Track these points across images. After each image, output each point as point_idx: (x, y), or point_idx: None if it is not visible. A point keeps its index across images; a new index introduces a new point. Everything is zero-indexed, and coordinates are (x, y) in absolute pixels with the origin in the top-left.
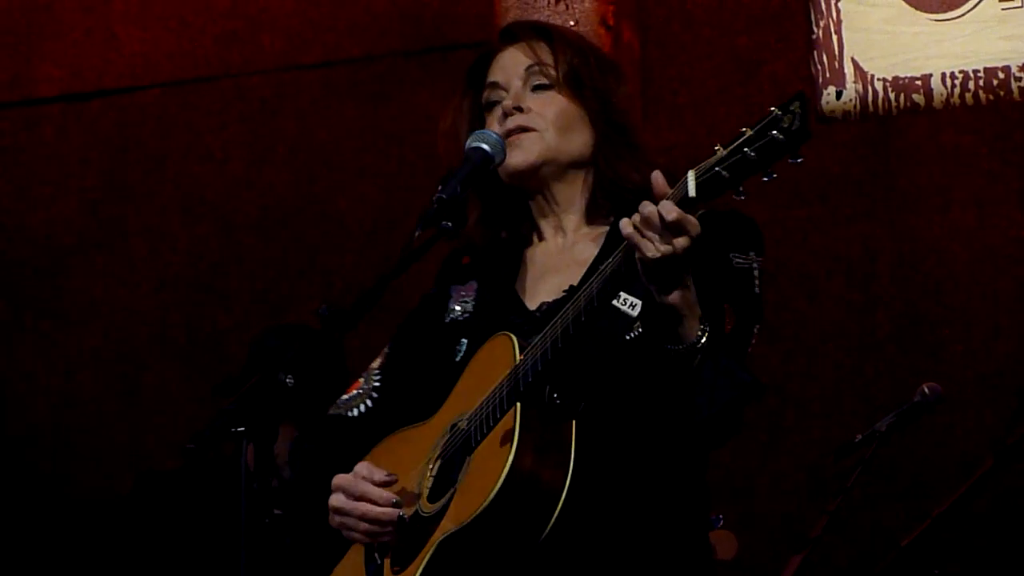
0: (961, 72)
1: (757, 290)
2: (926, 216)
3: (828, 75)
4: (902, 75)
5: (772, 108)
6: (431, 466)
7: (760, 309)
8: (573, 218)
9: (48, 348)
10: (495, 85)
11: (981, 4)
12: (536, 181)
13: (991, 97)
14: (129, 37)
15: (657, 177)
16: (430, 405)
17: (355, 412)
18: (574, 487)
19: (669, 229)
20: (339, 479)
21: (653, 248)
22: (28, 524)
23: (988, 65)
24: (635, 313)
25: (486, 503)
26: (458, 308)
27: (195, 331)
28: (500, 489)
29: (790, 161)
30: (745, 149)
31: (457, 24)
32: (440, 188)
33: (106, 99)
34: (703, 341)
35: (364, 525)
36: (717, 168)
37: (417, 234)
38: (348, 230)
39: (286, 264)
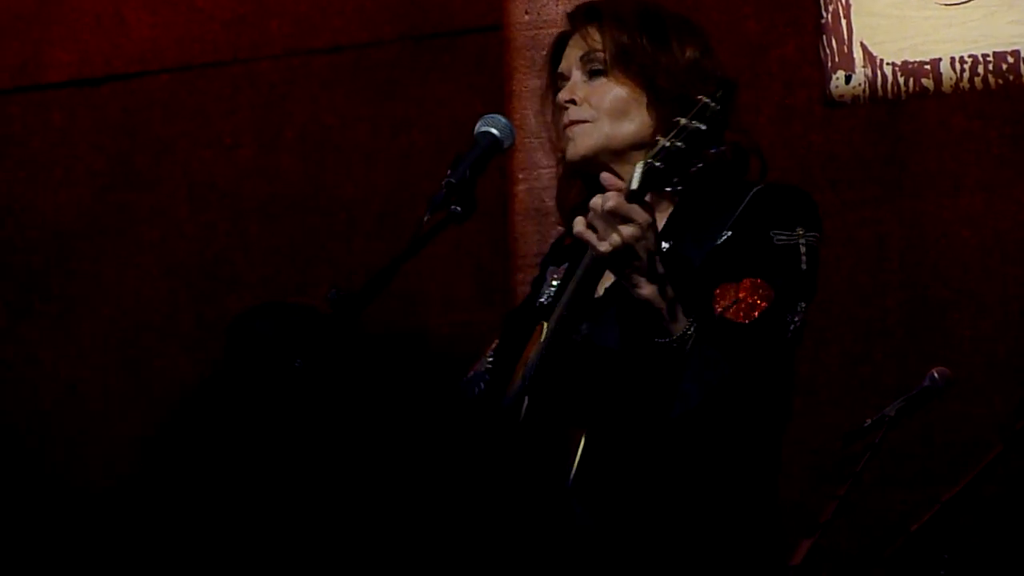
0: (970, 56)
1: (804, 266)
2: (935, 201)
3: (837, 59)
4: (911, 59)
5: (701, 96)
6: None
7: (807, 286)
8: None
9: (56, 333)
10: (561, 76)
11: None
12: (596, 168)
13: (1000, 82)
14: (138, 22)
15: (605, 178)
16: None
17: (472, 394)
18: (584, 468)
19: (611, 220)
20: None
21: (602, 242)
22: (31, 512)
23: (997, 50)
24: None
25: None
26: (546, 292)
27: (204, 317)
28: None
29: (712, 151)
30: (675, 140)
31: (467, 9)
32: (449, 172)
33: (115, 84)
34: (689, 333)
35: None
36: (650, 160)
37: (426, 219)
38: (357, 215)
39: (295, 249)
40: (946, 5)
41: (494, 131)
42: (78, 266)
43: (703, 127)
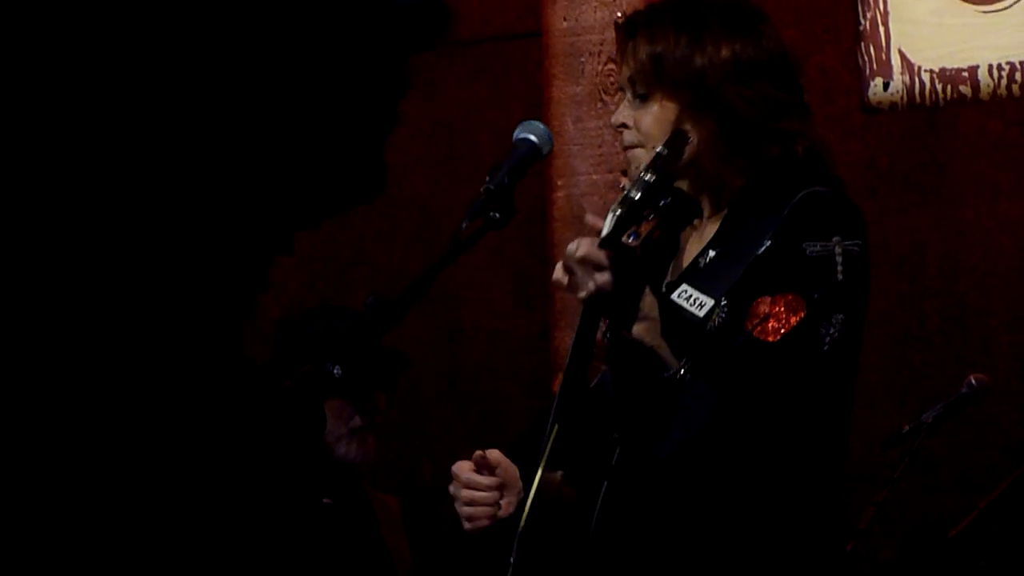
0: (1008, 63)
1: (840, 276)
2: (973, 208)
3: (875, 66)
4: (949, 66)
5: (657, 147)
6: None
7: (844, 297)
8: (710, 203)
9: None
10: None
11: None
12: None
13: None
14: None
15: (588, 220)
16: None
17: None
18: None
19: (585, 266)
20: (456, 466)
21: (578, 288)
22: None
23: None
24: (701, 314)
25: (524, 520)
26: None
27: (245, 322)
28: (530, 508)
29: (661, 203)
30: (631, 190)
31: (506, 15)
32: (488, 179)
33: None
34: (684, 370)
35: (465, 509)
36: (618, 209)
37: (465, 225)
38: (396, 221)
39: (335, 255)
40: (984, 12)
41: (533, 137)
42: None
43: (653, 179)
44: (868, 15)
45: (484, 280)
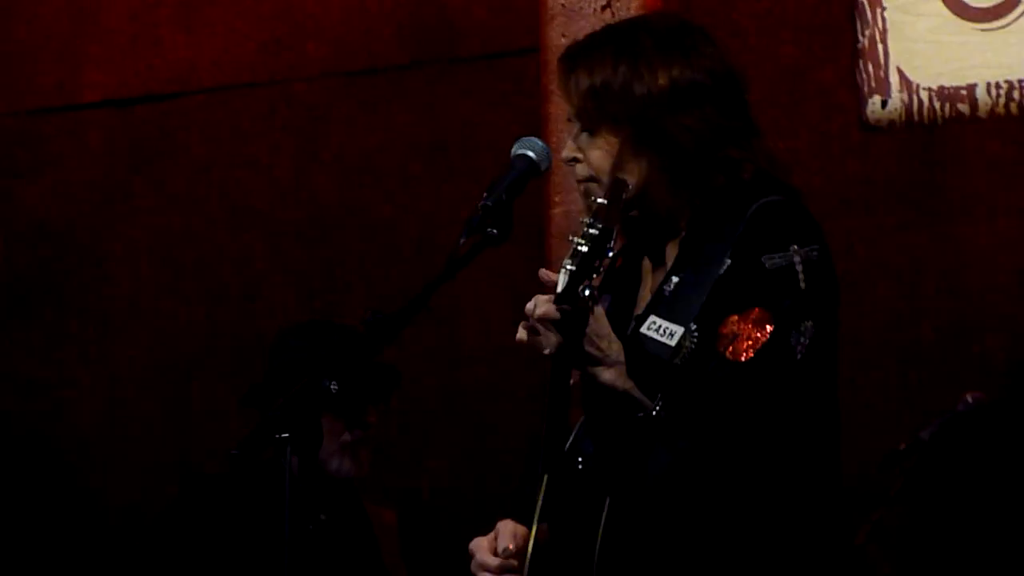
0: (1006, 82)
1: (803, 284)
2: (972, 226)
3: (873, 84)
4: (947, 84)
5: (596, 199)
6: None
7: (809, 305)
8: (661, 234)
9: (94, 356)
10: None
11: None
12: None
13: None
14: (174, 43)
15: (541, 275)
16: None
17: None
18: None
19: (545, 324)
20: (473, 544)
21: (541, 346)
22: (71, 534)
23: None
24: (672, 343)
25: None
26: None
27: (241, 339)
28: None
29: (608, 251)
30: (579, 242)
31: (504, 31)
32: (486, 195)
33: (151, 105)
34: (658, 408)
35: None
36: (567, 264)
37: (462, 241)
38: (394, 237)
39: (332, 271)
40: (983, 30)
41: (531, 154)
42: (114, 288)
43: (596, 232)
44: (867, 33)
45: (482, 297)
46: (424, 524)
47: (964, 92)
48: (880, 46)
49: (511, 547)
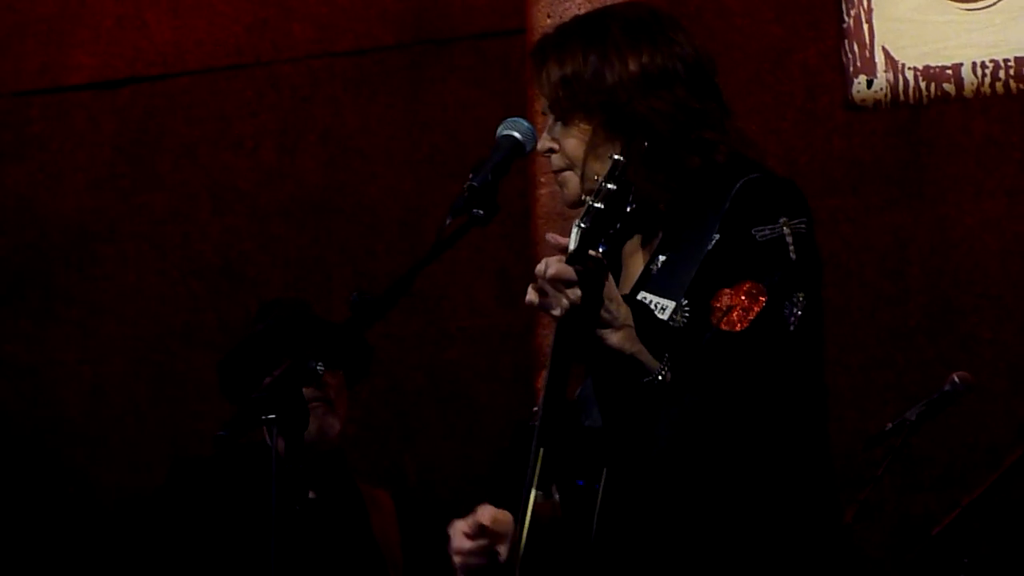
0: (992, 61)
1: (793, 255)
2: (957, 205)
3: (859, 64)
4: (933, 64)
5: (612, 155)
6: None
7: (802, 275)
8: (638, 222)
9: (79, 337)
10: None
11: None
12: None
13: (1022, 86)
14: (160, 25)
15: (549, 239)
16: None
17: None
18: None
19: (557, 284)
20: (451, 527)
21: (551, 307)
22: (58, 515)
23: (1019, 54)
24: (664, 317)
25: (522, 552)
26: None
27: (226, 320)
28: (527, 540)
29: (627, 209)
30: (595, 202)
31: (489, 12)
32: (471, 176)
33: (137, 87)
34: (665, 370)
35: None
36: (581, 222)
37: (448, 222)
38: (379, 218)
39: (317, 252)
40: (968, 10)
41: (516, 134)
42: (100, 270)
43: (614, 187)
44: (852, 12)
45: (467, 277)
46: (420, 504)
47: (949, 71)
48: (865, 26)
49: (486, 523)
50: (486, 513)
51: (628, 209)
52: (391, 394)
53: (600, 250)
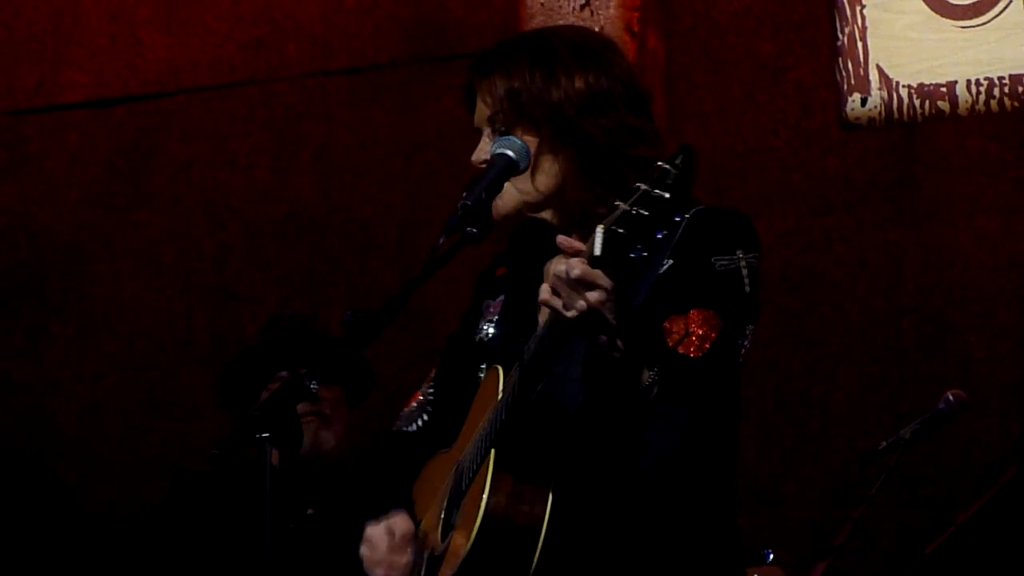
0: (986, 79)
1: (747, 289)
2: (951, 223)
3: (853, 82)
4: (927, 82)
5: (660, 163)
6: (443, 503)
7: (753, 309)
8: (576, 233)
9: (74, 354)
10: (479, 131)
11: (1007, 11)
12: (523, 218)
13: (1016, 104)
14: (154, 43)
15: (562, 240)
16: (458, 429)
17: (414, 427)
18: (554, 531)
19: (577, 286)
20: (369, 531)
21: (569, 308)
22: (52, 533)
23: (1013, 72)
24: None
25: (465, 553)
26: (485, 328)
27: (221, 337)
28: (475, 539)
29: (676, 218)
30: (636, 207)
31: (482, 30)
32: (465, 194)
33: (131, 105)
34: (653, 380)
35: None
36: (614, 226)
37: (442, 240)
38: (374, 236)
39: (311, 270)
40: (962, 28)
41: (510, 152)
42: (95, 287)
43: (666, 195)
44: (846, 30)
45: (461, 295)
46: None
47: (944, 89)
48: (859, 43)
49: (404, 533)
50: (407, 523)
51: (678, 219)
52: (385, 411)
53: (640, 256)
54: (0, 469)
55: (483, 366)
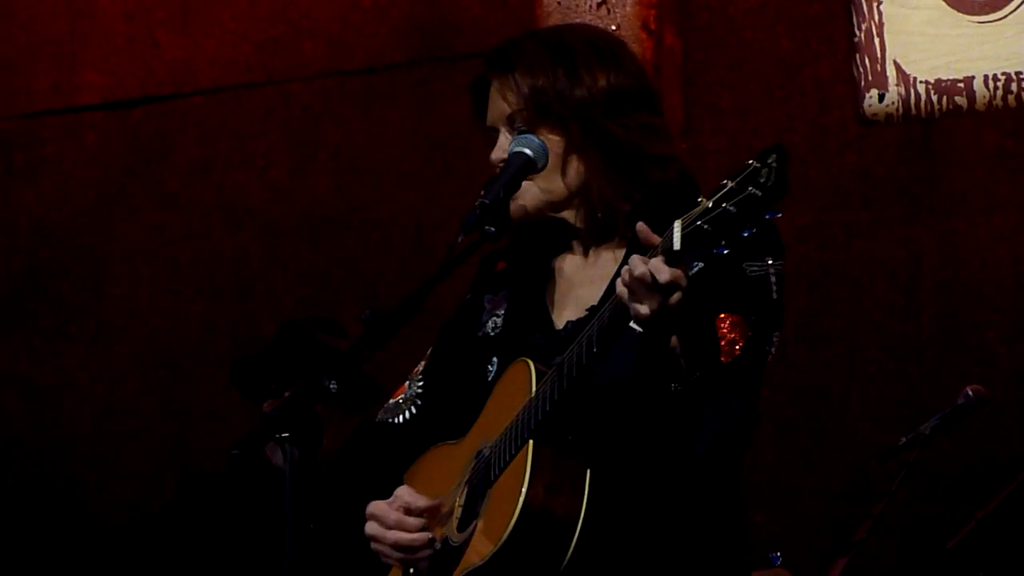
0: (1003, 74)
1: (775, 296)
2: (969, 219)
3: (870, 78)
4: (944, 77)
5: (751, 161)
6: (460, 492)
7: (779, 316)
8: (594, 234)
9: (91, 356)
10: (491, 129)
11: (1023, 6)
12: (543, 216)
13: None
14: (171, 44)
15: (642, 229)
16: (466, 422)
17: (400, 419)
18: (589, 523)
19: (663, 289)
20: (373, 507)
21: (646, 308)
22: (69, 533)
23: None
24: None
25: (501, 542)
26: (490, 323)
27: (238, 338)
28: (513, 529)
29: (767, 216)
30: (724, 204)
31: (500, 29)
32: (483, 193)
33: (148, 106)
34: (697, 376)
35: (397, 553)
36: (699, 222)
37: (460, 239)
38: (391, 236)
39: (329, 270)
40: (979, 23)
41: (527, 151)
42: (112, 288)
43: (759, 193)
44: (863, 26)
45: None
46: None
47: (961, 85)
48: (877, 39)
49: (424, 505)
50: (413, 493)
51: (768, 216)
52: None
53: (716, 252)
54: (17, 469)
55: (495, 360)
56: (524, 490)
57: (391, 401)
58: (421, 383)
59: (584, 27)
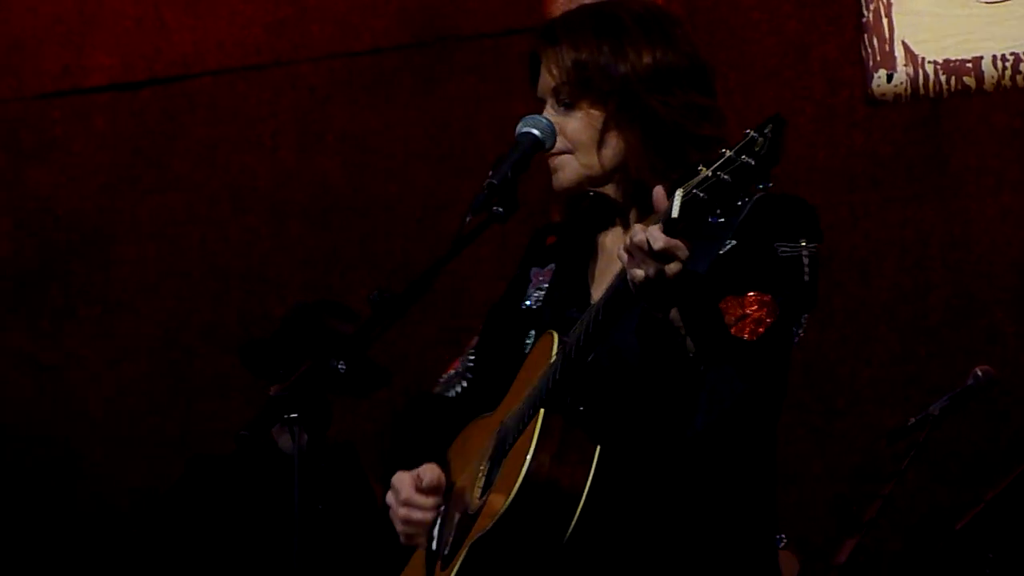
0: (1012, 54)
1: (807, 278)
2: (978, 199)
3: (879, 58)
4: (953, 58)
5: (748, 131)
6: (484, 463)
7: (810, 297)
8: (635, 208)
9: (99, 337)
10: (541, 100)
11: None
12: (583, 191)
13: None
14: (179, 25)
15: (658, 193)
16: (502, 394)
17: (453, 393)
18: (594, 496)
19: (658, 256)
20: (396, 478)
21: (642, 274)
22: (78, 514)
23: None
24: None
25: (503, 510)
26: (533, 295)
27: (246, 319)
28: (515, 497)
29: (759, 186)
30: (720, 173)
31: (508, 10)
32: (491, 173)
33: (156, 88)
34: (701, 352)
35: (402, 527)
36: (695, 190)
37: (468, 220)
38: (399, 217)
39: (337, 251)
40: (987, 3)
41: (536, 131)
42: (120, 270)
43: (752, 162)
44: (871, 6)
45: (487, 275)
46: None
47: (970, 65)
48: (885, 20)
49: (431, 481)
50: (436, 472)
51: (762, 186)
52: (410, 391)
53: (711, 221)
54: (25, 449)
55: (532, 333)
56: (528, 458)
57: (445, 375)
58: (472, 357)
59: (640, 2)
